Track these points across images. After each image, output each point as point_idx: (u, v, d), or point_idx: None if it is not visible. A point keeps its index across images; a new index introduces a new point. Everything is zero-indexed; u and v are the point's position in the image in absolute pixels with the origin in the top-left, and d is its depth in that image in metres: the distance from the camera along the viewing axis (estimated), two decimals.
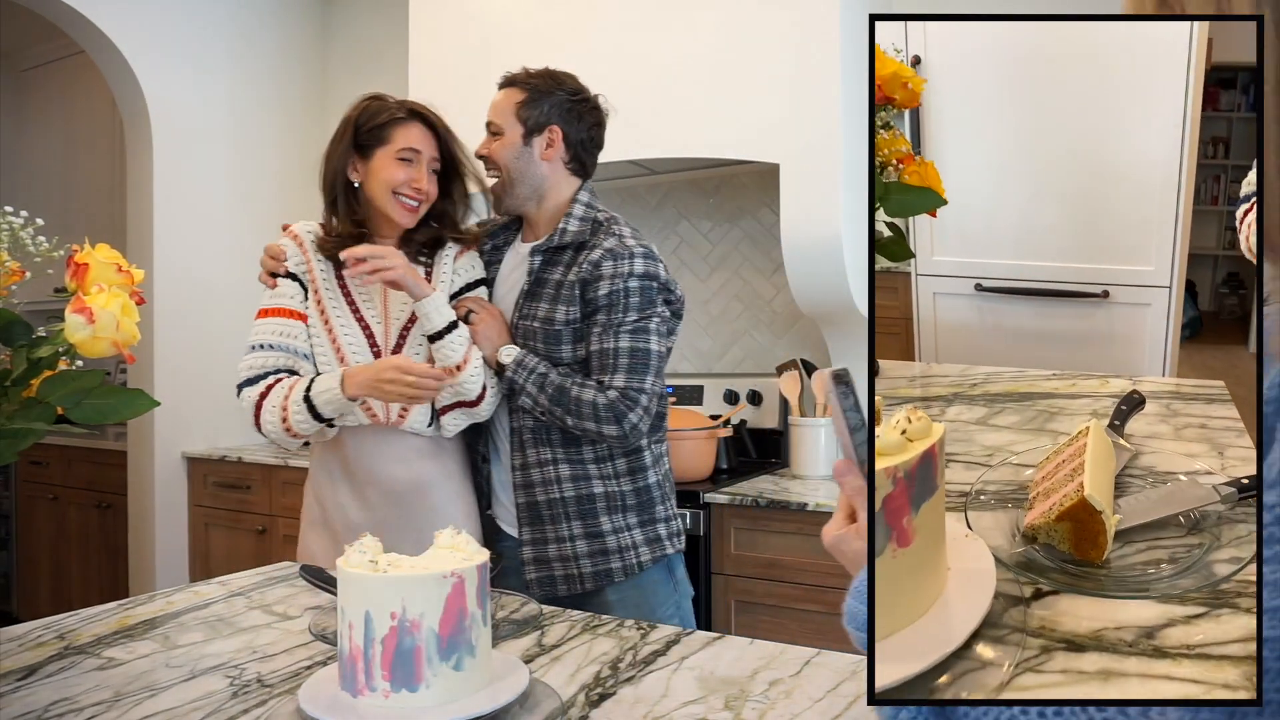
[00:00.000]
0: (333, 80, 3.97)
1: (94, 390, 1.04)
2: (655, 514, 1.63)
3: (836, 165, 2.33)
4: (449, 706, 0.86)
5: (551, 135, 1.61)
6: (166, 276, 3.36)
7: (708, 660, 1.09)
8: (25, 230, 1.11)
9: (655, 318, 1.58)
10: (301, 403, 1.53)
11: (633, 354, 1.55)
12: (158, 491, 3.37)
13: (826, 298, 2.45)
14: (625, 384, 1.54)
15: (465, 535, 0.94)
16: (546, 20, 2.73)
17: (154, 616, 1.31)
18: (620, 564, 1.59)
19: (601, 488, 1.60)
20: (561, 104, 1.62)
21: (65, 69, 4.43)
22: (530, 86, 1.62)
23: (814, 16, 2.35)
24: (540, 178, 1.63)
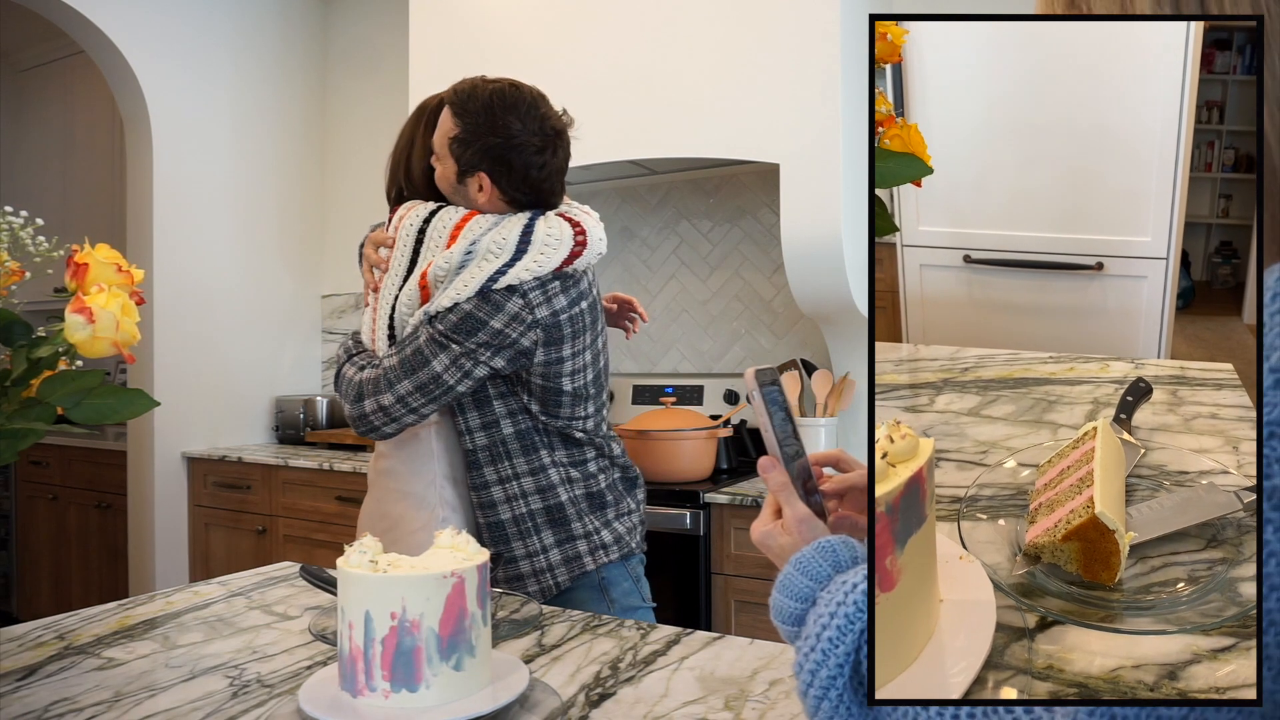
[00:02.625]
0: (333, 80, 3.97)
1: (94, 390, 1.04)
2: (573, 531, 1.55)
3: (836, 165, 2.33)
4: (449, 706, 0.86)
5: (480, 181, 1.49)
6: (166, 276, 3.36)
7: (708, 660, 1.09)
8: (25, 230, 1.11)
9: (457, 347, 1.44)
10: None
11: (417, 354, 1.45)
12: (158, 491, 3.37)
13: (826, 298, 2.45)
14: (388, 369, 1.46)
15: (465, 535, 0.94)
16: (546, 21, 2.73)
17: (154, 616, 1.31)
18: (537, 587, 1.55)
19: (507, 513, 1.55)
20: (491, 150, 1.47)
21: (65, 69, 4.43)
22: (466, 123, 1.48)
23: (814, 16, 2.35)
24: (478, 209, 1.53)
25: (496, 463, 1.55)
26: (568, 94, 2.84)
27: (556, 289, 1.48)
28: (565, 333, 1.50)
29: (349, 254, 3.93)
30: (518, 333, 1.45)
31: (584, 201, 1.66)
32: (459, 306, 1.44)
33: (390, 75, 3.74)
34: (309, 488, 3.10)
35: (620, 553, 1.59)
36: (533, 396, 1.53)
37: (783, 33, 2.39)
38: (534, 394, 1.53)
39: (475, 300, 1.43)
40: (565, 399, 1.54)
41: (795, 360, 2.67)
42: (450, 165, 1.51)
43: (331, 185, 3.99)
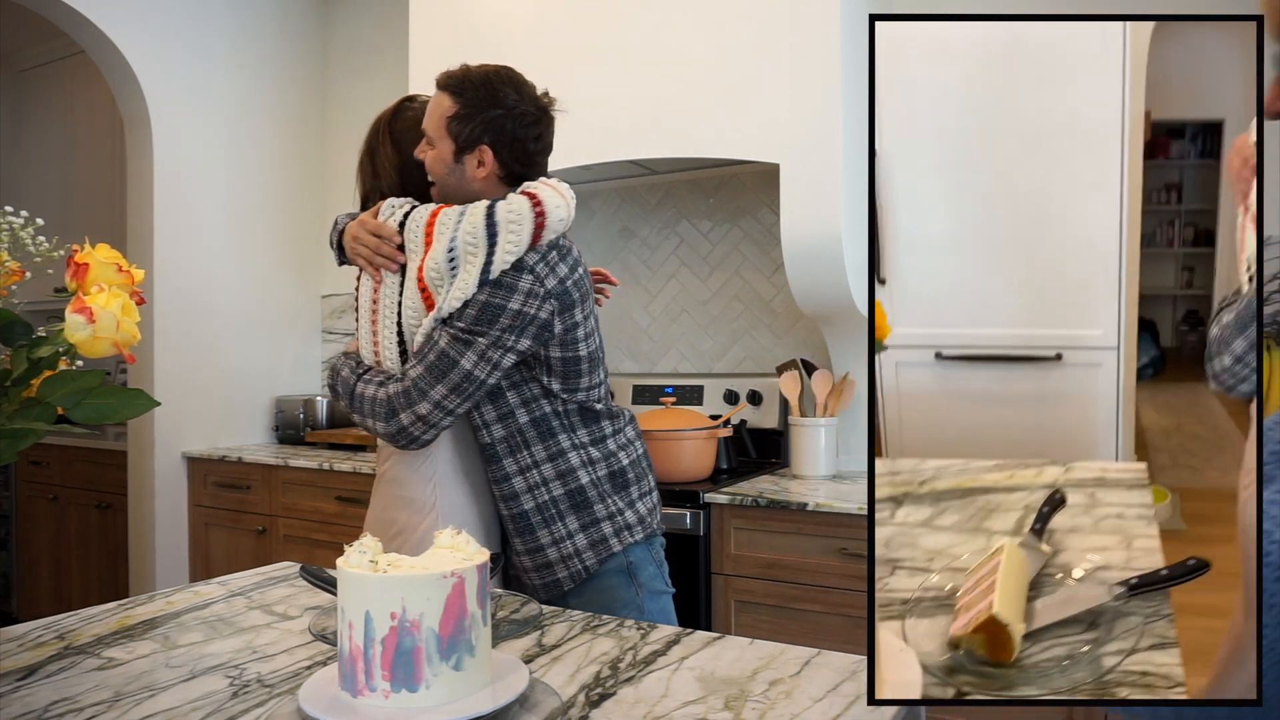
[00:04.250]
0: (333, 80, 3.97)
1: (94, 390, 1.04)
2: (596, 514, 1.57)
3: (836, 165, 2.33)
4: (449, 706, 0.86)
5: (482, 155, 1.52)
6: (166, 276, 3.36)
7: (708, 660, 1.09)
8: (25, 230, 1.11)
9: (484, 339, 1.45)
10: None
11: (442, 356, 1.45)
12: (158, 491, 3.37)
13: (826, 298, 2.45)
14: (416, 379, 1.46)
15: (465, 535, 0.94)
16: (546, 20, 2.73)
17: (154, 616, 1.31)
18: (566, 573, 1.56)
19: (530, 502, 1.56)
20: (494, 121, 1.50)
21: (65, 69, 4.43)
22: (464, 99, 1.51)
23: (814, 16, 2.36)
24: (473, 194, 1.55)
25: (515, 453, 1.56)
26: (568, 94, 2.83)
27: (555, 258, 1.51)
28: (574, 297, 1.54)
29: None
30: (535, 308, 1.47)
31: (584, 202, 1.67)
32: (474, 299, 1.45)
33: (390, 75, 3.74)
34: (309, 488, 3.10)
35: (644, 533, 1.61)
36: (553, 374, 1.54)
37: (783, 33, 2.39)
38: (554, 370, 1.54)
39: (487, 289, 1.45)
40: (584, 365, 1.57)
41: (795, 360, 2.67)
42: (447, 145, 1.53)
43: (332, 185, 3.99)
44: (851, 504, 2.10)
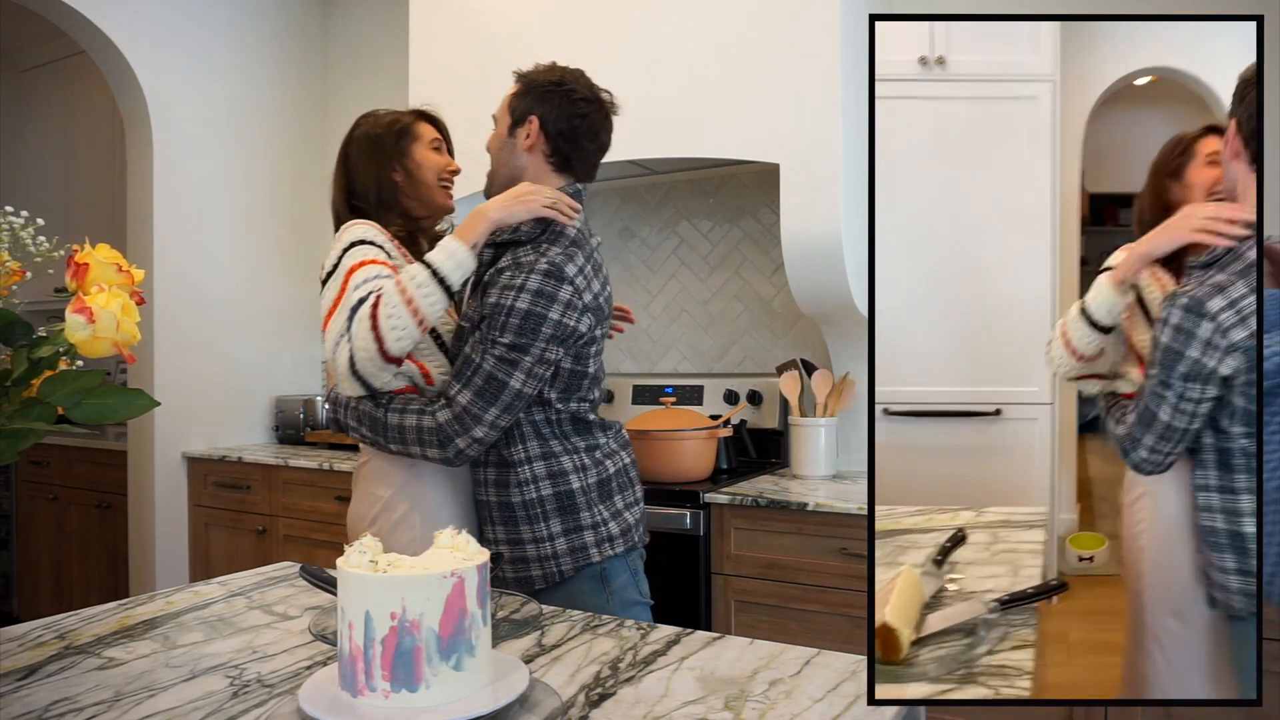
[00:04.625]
0: (333, 81, 3.97)
1: (94, 390, 1.04)
2: (581, 521, 1.57)
3: (836, 165, 2.33)
4: (449, 706, 0.86)
5: (530, 126, 1.58)
6: (166, 276, 3.36)
7: (708, 660, 1.09)
8: (25, 230, 1.11)
9: (530, 355, 1.47)
10: (429, 279, 1.45)
11: (490, 380, 1.47)
12: (158, 491, 3.37)
13: (826, 298, 2.45)
14: (467, 404, 1.47)
15: (465, 535, 0.94)
16: (546, 20, 2.73)
17: (154, 616, 1.31)
18: (540, 572, 1.57)
19: (518, 496, 1.56)
20: (545, 94, 1.58)
21: (65, 69, 4.43)
22: (525, 79, 1.62)
23: (814, 16, 2.36)
24: (519, 168, 1.60)
25: (511, 446, 1.57)
26: None
27: (590, 272, 1.55)
28: (605, 313, 1.58)
29: None
30: (574, 319, 1.50)
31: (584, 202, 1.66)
32: (514, 308, 1.46)
33: (390, 75, 3.74)
34: (309, 488, 3.10)
35: (625, 546, 1.61)
36: (556, 384, 1.55)
37: (783, 33, 2.39)
38: (559, 380, 1.55)
39: (529, 297, 1.46)
40: (586, 381, 1.58)
41: (795, 360, 2.67)
42: (505, 121, 1.61)
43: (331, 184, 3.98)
44: (851, 504, 2.10)
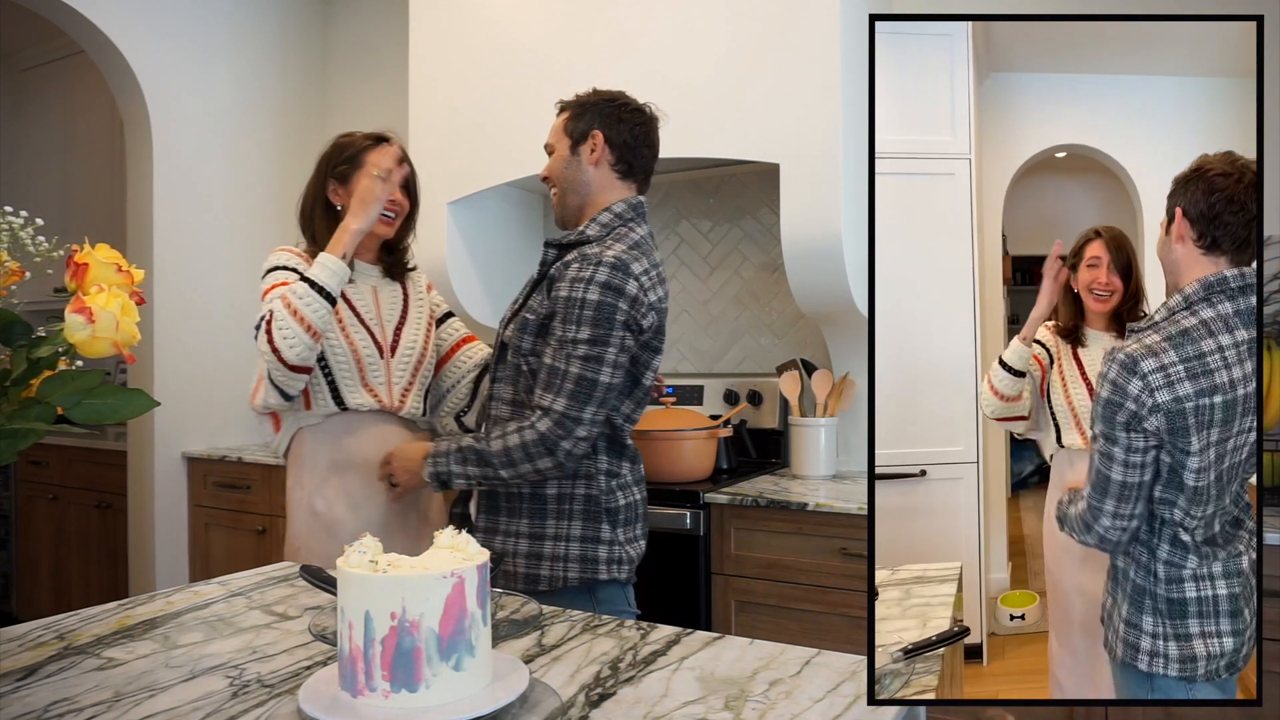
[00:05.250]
0: (333, 81, 3.97)
1: (94, 390, 1.04)
2: (601, 534, 1.61)
3: (836, 165, 2.33)
4: (449, 706, 0.86)
5: (594, 140, 1.65)
6: (166, 276, 3.36)
7: (708, 660, 1.09)
8: (25, 230, 1.11)
9: (612, 346, 1.52)
10: (307, 290, 1.64)
11: (580, 381, 1.52)
12: (158, 491, 3.37)
13: (826, 298, 2.45)
14: (565, 410, 1.52)
15: (465, 535, 0.94)
16: (546, 21, 2.73)
17: (154, 616, 1.31)
18: (548, 573, 1.59)
19: (553, 489, 1.61)
20: (601, 109, 1.66)
21: (65, 69, 4.43)
22: (574, 104, 1.69)
23: (814, 16, 2.36)
24: (587, 184, 1.66)
25: None
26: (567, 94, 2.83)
27: (655, 277, 1.60)
28: (663, 323, 1.63)
29: None
30: (641, 313, 1.55)
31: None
32: (586, 300, 1.51)
33: (390, 76, 3.74)
34: None
35: (626, 575, 1.64)
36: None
37: (783, 33, 2.39)
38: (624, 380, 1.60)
39: (597, 289, 1.52)
40: (639, 393, 1.64)
41: (795, 360, 2.67)
42: (564, 144, 1.66)
43: None
44: (851, 504, 2.10)
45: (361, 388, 1.75)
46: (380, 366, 1.78)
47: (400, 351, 1.81)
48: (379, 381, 1.77)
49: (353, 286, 1.80)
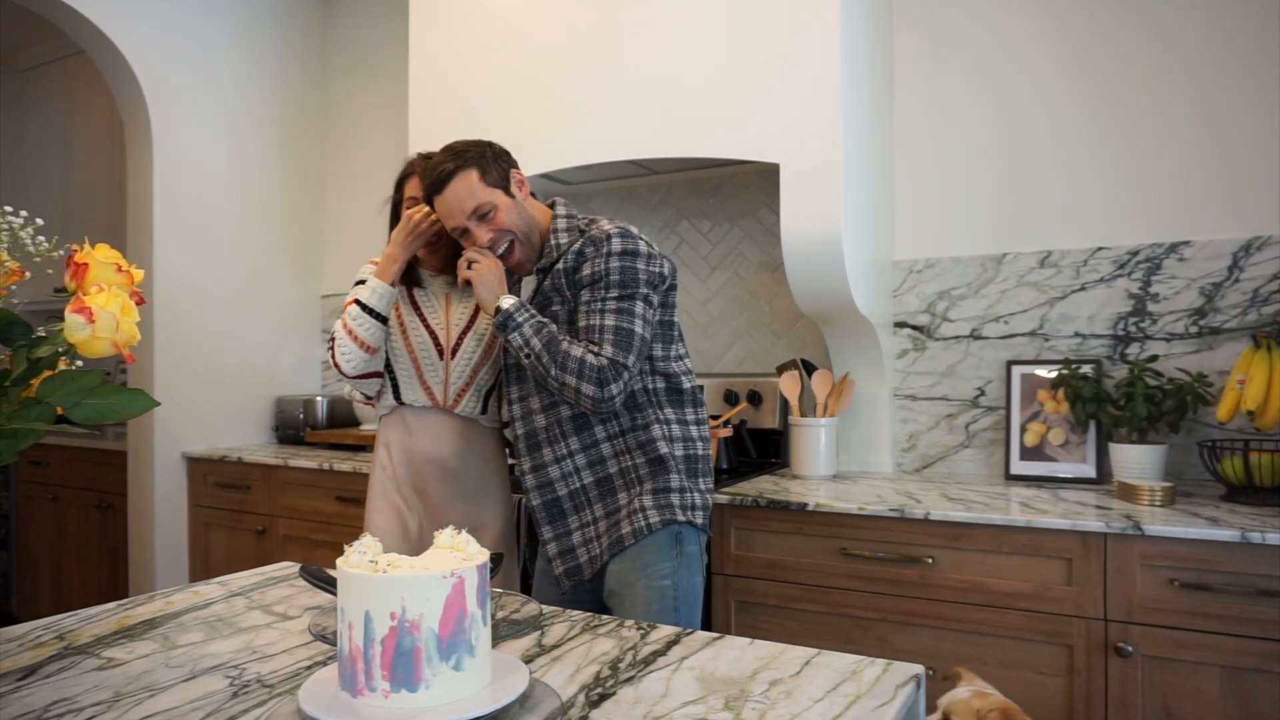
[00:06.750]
0: (333, 80, 3.97)
1: (94, 390, 1.04)
2: (670, 483, 1.70)
3: (836, 165, 2.33)
4: (449, 706, 0.86)
5: (516, 176, 1.76)
6: (166, 276, 3.36)
7: (708, 660, 1.09)
8: (25, 230, 1.11)
9: (640, 300, 1.65)
10: (359, 312, 1.85)
11: (617, 332, 1.63)
12: (158, 491, 3.37)
13: (826, 298, 2.45)
14: (613, 356, 1.62)
15: (465, 535, 0.94)
16: (546, 21, 2.73)
17: (154, 616, 1.31)
18: (630, 528, 1.68)
19: (616, 466, 1.71)
20: (484, 152, 1.74)
21: (65, 69, 4.43)
22: (470, 159, 1.71)
23: (814, 16, 2.35)
24: (534, 216, 1.78)
25: (605, 423, 1.72)
26: (567, 94, 2.84)
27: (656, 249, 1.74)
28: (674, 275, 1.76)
29: (349, 254, 3.92)
30: (658, 265, 1.69)
31: (584, 202, 1.77)
32: (610, 266, 1.65)
33: (390, 75, 3.74)
34: (309, 488, 3.10)
35: (703, 519, 1.74)
36: (654, 336, 1.73)
37: (783, 33, 2.39)
38: (656, 331, 1.72)
39: (615, 258, 1.65)
40: (675, 332, 1.77)
41: (795, 360, 2.67)
42: (498, 196, 1.73)
43: (332, 185, 3.99)
44: (851, 504, 2.10)
45: (418, 385, 1.93)
46: (439, 367, 1.93)
47: (460, 355, 1.94)
48: (436, 381, 1.93)
49: (424, 293, 1.97)
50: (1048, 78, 2.54)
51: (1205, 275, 2.33)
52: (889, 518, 2.04)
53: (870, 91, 2.55)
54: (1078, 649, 1.86)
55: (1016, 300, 2.56)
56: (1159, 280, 2.38)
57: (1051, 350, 2.51)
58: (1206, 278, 2.33)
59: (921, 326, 2.69)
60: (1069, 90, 2.51)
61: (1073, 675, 1.87)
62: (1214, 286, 2.32)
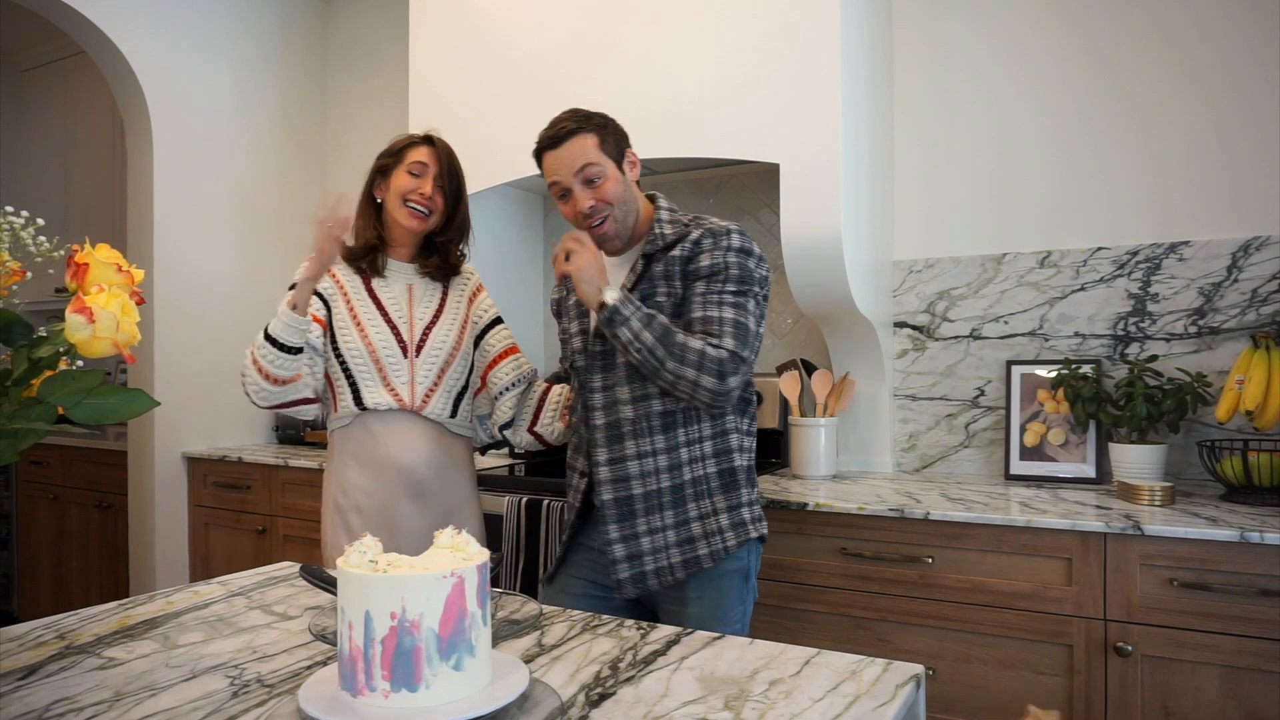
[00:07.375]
0: (333, 80, 3.97)
1: (94, 390, 1.04)
2: (741, 498, 1.68)
3: (836, 165, 2.33)
4: (449, 706, 0.86)
5: (631, 156, 1.73)
6: (166, 276, 3.36)
7: (708, 660, 1.09)
8: (25, 230, 1.11)
9: (753, 298, 1.64)
10: (263, 342, 1.71)
11: (737, 325, 1.59)
12: (158, 491, 3.37)
13: (826, 298, 2.45)
14: (734, 349, 1.56)
15: (465, 535, 0.94)
16: (545, 21, 2.73)
17: (154, 616, 1.31)
18: (707, 549, 1.64)
19: (689, 474, 1.66)
20: (613, 126, 1.70)
21: (65, 69, 4.43)
22: (592, 125, 1.67)
23: (814, 16, 2.35)
24: (635, 199, 1.72)
25: (686, 425, 1.66)
26: (567, 94, 2.84)
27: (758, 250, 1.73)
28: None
29: None
30: (765, 270, 1.70)
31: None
32: (729, 261, 1.63)
33: (390, 75, 3.74)
34: (309, 488, 3.10)
35: (759, 532, 1.70)
36: None
37: (783, 33, 2.39)
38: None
39: (735, 254, 1.64)
40: (758, 344, 1.70)
41: (795, 360, 2.67)
42: (611, 166, 1.68)
43: (332, 185, 3.99)
44: (851, 504, 2.10)
45: (382, 387, 1.78)
46: (403, 366, 1.80)
47: (426, 351, 1.81)
48: (401, 381, 1.79)
49: (384, 283, 1.84)
50: (1047, 78, 2.54)
51: (1205, 275, 2.33)
52: (889, 517, 2.04)
53: (870, 91, 2.55)
54: (1077, 649, 1.86)
55: (1016, 300, 2.56)
56: (1159, 280, 2.38)
57: (1051, 350, 2.51)
58: (1206, 278, 2.33)
59: (921, 326, 2.69)
60: (1069, 90, 2.51)
61: (1072, 675, 1.87)
62: (1213, 286, 2.32)
